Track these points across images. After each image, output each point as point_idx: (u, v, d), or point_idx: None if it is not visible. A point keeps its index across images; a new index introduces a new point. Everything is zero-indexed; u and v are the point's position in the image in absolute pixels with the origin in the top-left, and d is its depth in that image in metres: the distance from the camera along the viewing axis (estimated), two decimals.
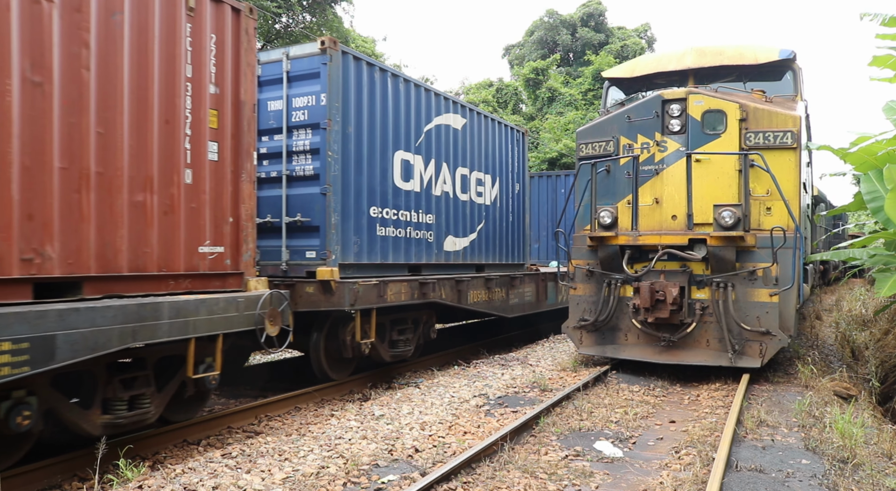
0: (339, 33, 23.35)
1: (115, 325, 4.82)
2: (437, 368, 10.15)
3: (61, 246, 4.70)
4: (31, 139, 4.51)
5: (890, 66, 9.35)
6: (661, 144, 8.94)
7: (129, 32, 5.21)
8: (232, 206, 6.15)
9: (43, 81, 4.61)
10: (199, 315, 5.52)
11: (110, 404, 5.34)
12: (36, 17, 4.55)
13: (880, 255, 9.70)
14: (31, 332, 4.25)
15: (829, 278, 25.89)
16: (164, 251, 5.49)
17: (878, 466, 5.25)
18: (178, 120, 5.64)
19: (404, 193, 9.21)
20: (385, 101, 8.83)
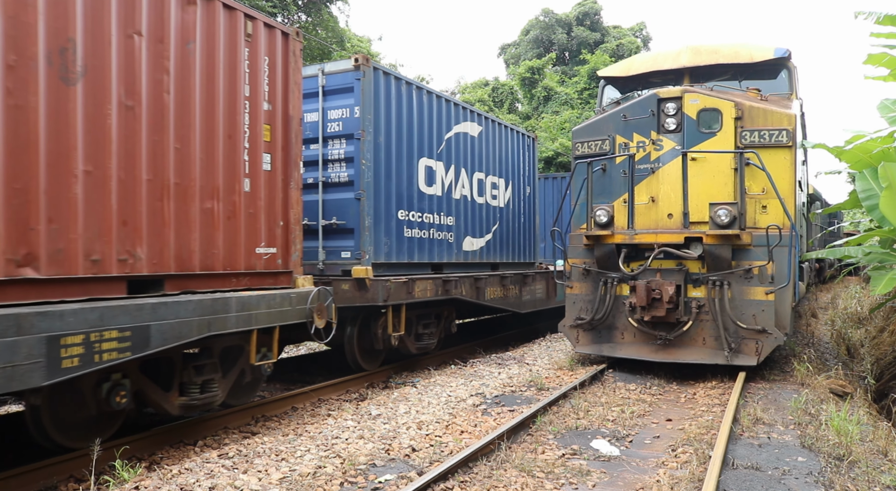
0: (334, 33, 23.30)
1: (194, 317, 5.48)
2: (433, 367, 10.15)
3: (148, 248, 5.35)
4: (125, 155, 5.16)
5: (885, 65, 9.38)
6: (656, 143, 8.95)
7: (199, 59, 5.83)
8: (282, 211, 6.79)
9: (134, 105, 5.25)
10: (259, 309, 6.18)
11: (186, 388, 6.03)
12: (129, 50, 5.20)
13: (875, 252, 9.73)
14: (131, 322, 4.93)
15: (825, 276, 25.96)
16: (227, 252, 6.12)
17: (873, 463, 5.27)
18: (238, 135, 6.25)
19: (428, 197, 9.83)
20: (410, 112, 9.43)
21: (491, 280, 11.15)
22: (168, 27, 5.54)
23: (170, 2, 5.53)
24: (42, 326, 4.32)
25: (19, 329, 4.18)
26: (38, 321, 4.30)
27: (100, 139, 4.97)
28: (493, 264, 11.76)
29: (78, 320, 4.55)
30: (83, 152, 4.85)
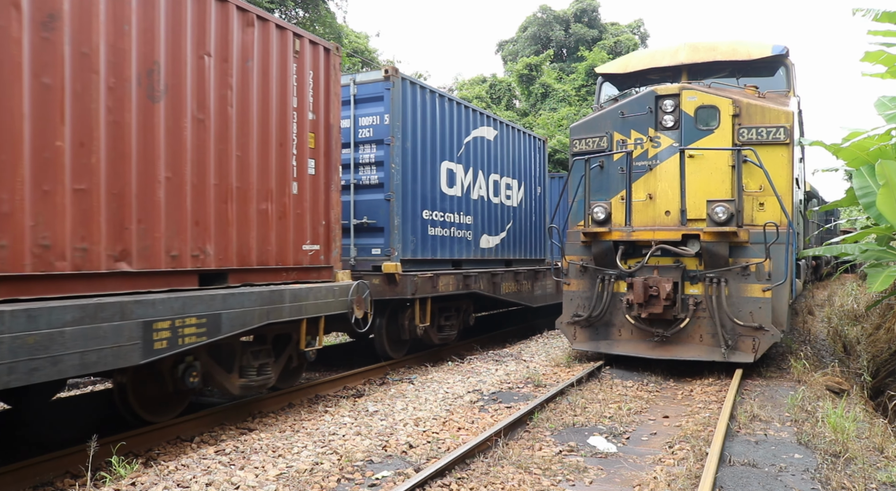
0: (331, 29, 23.24)
1: (256, 307, 6.14)
2: (430, 363, 10.15)
3: (215, 245, 5.96)
4: (197, 163, 5.77)
5: (882, 62, 9.38)
6: (654, 140, 8.94)
7: (256, 75, 6.44)
8: (324, 211, 7.43)
9: (204, 118, 5.85)
10: (308, 300, 6.82)
11: (244, 370, 6.66)
12: (201, 69, 5.81)
13: (872, 250, 9.74)
14: (207, 310, 5.57)
15: (822, 274, 26.01)
16: (279, 248, 6.73)
17: (869, 460, 5.28)
18: (287, 142, 6.85)
19: (449, 198, 10.45)
20: (433, 118, 10.03)
21: (506, 276, 11.87)
22: (231, 47, 6.15)
23: (233, 25, 6.15)
24: (139, 312, 4.97)
25: (123, 315, 4.84)
26: (137, 308, 4.96)
27: (177, 149, 5.60)
28: (506, 261, 12.40)
29: (166, 308, 5.20)
30: (165, 161, 5.48)
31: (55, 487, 5.09)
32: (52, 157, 4.62)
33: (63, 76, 4.70)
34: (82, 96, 4.82)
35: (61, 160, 4.68)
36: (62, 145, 4.69)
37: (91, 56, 4.88)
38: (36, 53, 4.54)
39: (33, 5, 4.50)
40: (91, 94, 4.89)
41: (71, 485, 5.05)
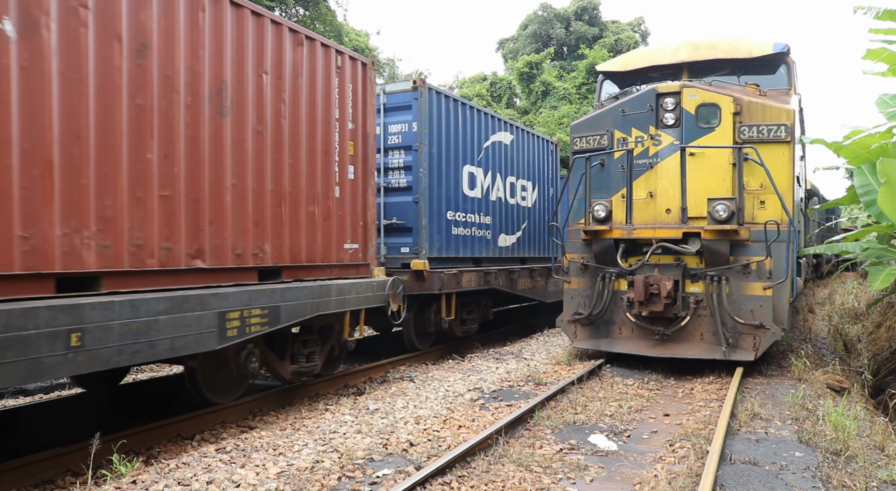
0: (332, 27, 23.22)
1: (308, 300, 6.78)
2: (431, 361, 10.15)
3: (272, 244, 6.59)
4: (257, 170, 6.41)
5: (884, 60, 9.36)
6: (655, 138, 8.93)
7: (305, 89, 7.06)
8: (362, 212, 8.07)
9: (262, 130, 6.49)
10: (350, 294, 7.45)
11: (295, 358, 7.29)
12: (259, 86, 6.46)
13: (873, 248, 9.74)
14: (268, 303, 6.24)
15: (822, 272, 26.00)
16: (324, 247, 7.36)
17: (870, 458, 5.28)
18: (331, 150, 7.50)
19: (470, 200, 11.07)
20: (456, 125, 10.64)
21: (522, 273, 12.58)
22: (284, 65, 6.78)
23: (286, 45, 6.79)
24: (215, 303, 5.64)
25: (202, 306, 5.50)
26: (213, 300, 5.62)
27: (241, 158, 6.23)
28: (522, 259, 13.06)
29: (236, 300, 5.88)
30: (231, 169, 6.12)
31: (56, 484, 5.09)
32: (144, 168, 5.29)
33: (152, 97, 5.36)
34: (166, 114, 5.49)
35: (151, 170, 5.35)
36: (151, 157, 5.36)
37: (173, 78, 5.55)
38: (132, 78, 5.19)
39: (130, 36, 5.17)
40: (173, 112, 5.56)
41: (72, 483, 5.05)
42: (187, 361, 6.33)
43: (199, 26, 5.77)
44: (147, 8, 5.29)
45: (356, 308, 7.61)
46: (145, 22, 5.29)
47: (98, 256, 4.90)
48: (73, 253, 4.74)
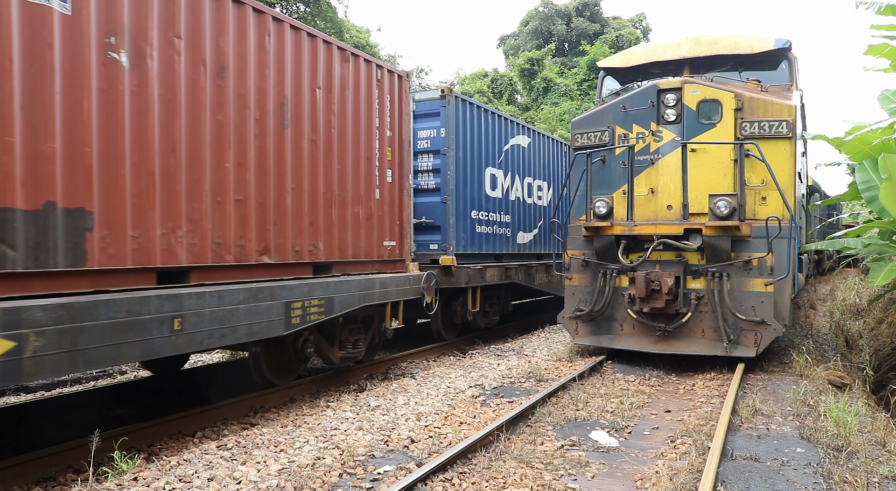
0: (332, 24, 23.19)
1: (356, 292, 7.51)
2: (432, 358, 10.15)
3: (324, 242, 7.29)
4: (311, 175, 7.12)
5: (886, 56, 9.34)
6: (656, 134, 8.92)
7: (350, 101, 7.76)
8: (399, 212, 8.78)
9: (316, 139, 7.19)
10: (391, 287, 8.21)
11: (343, 344, 7.99)
12: (313, 100, 7.15)
13: (874, 244, 9.72)
14: (324, 294, 6.95)
15: (824, 268, 25.97)
16: (366, 244, 8.07)
17: (871, 454, 5.27)
18: (372, 156, 8.20)
19: (492, 199, 11.78)
20: (480, 130, 11.33)
21: (539, 268, 13.28)
22: (334, 80, 7.47)
23: (335, 61, 7.51)
24: (282, 294, 6.35)
25: (272, 296, 6.21)
26: (281, 292, 6.33)
27: (298, 165, 6.93)
28: (538, 255, 13.79)
29: (299, 292, 6.58)
30: (291, 175, 6.82)
31: (58, 481, 5.09)
32: (223, 175, 5.99)
33: (229, 112, 6.07)
34: (240, 127, 6.19)
35: (228, 177, 6.06)
36: (229, 166, 6.07)
37: (245, 96, 6.25)
38: (213, 97, 5.88)
39: (212, 60, 5.87)
40: (245, 125, 6.25)
41: (73, 479, 5.05)
42: (252, 347, 7.14)
43: (265, 49, 6.49)
44: (225, 35, 6.02)
45: (396, 300, 8.36)
46: (224, 47, 6.01)
47: (188, 253, 5.65)
48: (169, 250, 5.48)
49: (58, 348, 4.36)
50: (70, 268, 4.69)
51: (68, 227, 4.69)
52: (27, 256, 4.42)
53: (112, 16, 5.02)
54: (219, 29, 5.94)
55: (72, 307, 4.43)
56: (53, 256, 4.58)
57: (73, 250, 4.72)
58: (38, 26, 4.51)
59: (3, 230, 4.30)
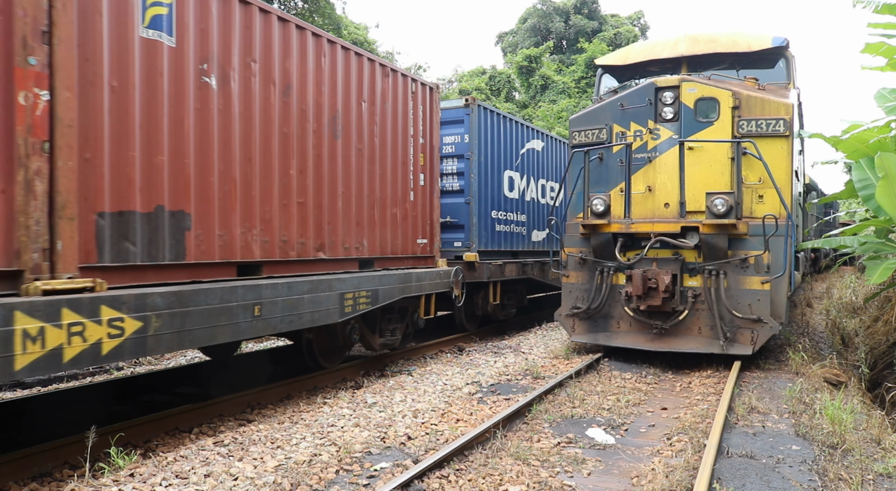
0: (331, 20, 23.13)
1: (397, 285, 8.27)
2: (429, 355, 10.16)
3: (367, 240, 8.14)
4: (357, 180, 7.98)
5: (883, 54, 9.35)
6: (653, 132, 8.92)
7: (389, 112, 8.60)
8: (430, 213, 9.63)
9: (362, 148, 8.03)
10: (425, 281, 9.00)
11: (382, 332, 8.78)
12: (359, 112, 8.00)
13: (871, 242, 9.74)
14: (371, 286, 7.74)
15: (820, 266, 26.02)
16: (402, 242, 8.91)
17: (866, 451, 5.29)
18: (408, 161, 9.06)
19: (509, 200, 12.61)
20: (499, 135, 12.16)
21: (552, 265, 14.01)
22: (376, 94, 8.30)
23: (377, 77, 8.30)
24: (337, 286, 7.15)
25: (329, 288, 7.02)
26: (336, 284, 7.14)
27: (347, 171, 7.77)
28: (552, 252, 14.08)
29: (350, 284, 7.37)
30: (341, 180, 7.65)
31: (54, 477, 5.09)
32: (288, 181, 6.80)
33: (293, 125, 6.87)
34: (301, 139, 7.00)
35: (292, 183, 6.86)
36: (292, 173, 6.88)
37: (306, 110, 7.07)
38: (280, 112, 6.69)
39: (280, 80, 6.68)
40: (306, 137, 7.07)
41: (69, 475, 5.05)
42: (305, 334, 8.02)
43: (321, 68, 7.31)
44: (290, 57, 6.83)
45: (429, 293, 9.18)
46: (289, 68, 6.81)
47: (261, 249, 6.46)
48: (247, 246, 6.30)
49: (171, 328, 5.12)
50: (173, 261, 5.53)
51: (173, 226, 5.52)
52: (143, 252, 5.26)
53: (205, 45, 5.83)
54: (285, 52, 6.77)
55: (180, 295, 5.23)
56: (162, 252, 5.42)
57: (176, 247, 5.56)
58: (152, 58, 5.34)
59: (127, 230, 5.13)
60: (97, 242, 4.90)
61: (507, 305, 12.91)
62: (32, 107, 4.36)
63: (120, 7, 5.07)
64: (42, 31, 4.44)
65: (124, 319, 4.72)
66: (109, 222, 4.99)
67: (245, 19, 6.27)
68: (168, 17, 5.48)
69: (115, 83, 5.04)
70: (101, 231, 4.93)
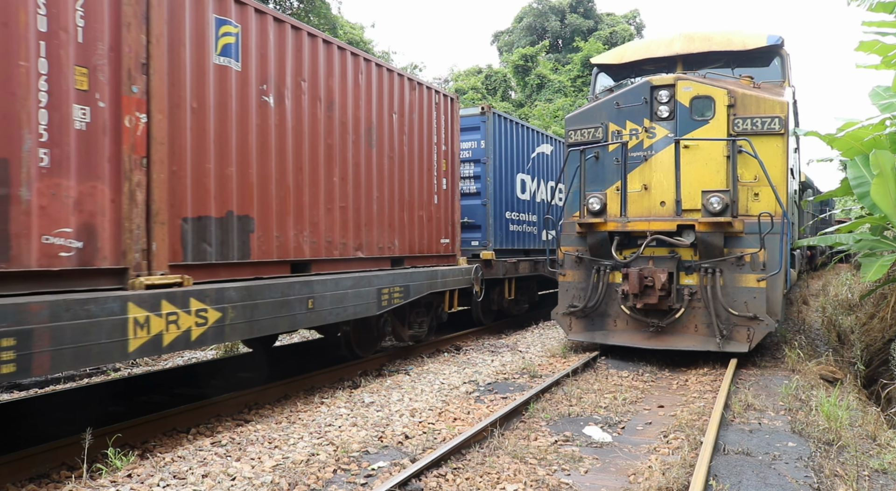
0: (326, 20, 23.11)
1: (425, 281, 9.01)
2: (427, 355, 10.17)
3: (398, 240, 8.84)
4: (389, 185, 8.69)
5: (877, 52, 9.38)
6: (649, 131, 8.94)
7: (416, 122, 9.30)
8: (451, 214, 10.32)
9: (392, 156, 8.74)
10: (449, 278, 9.73)
11: (411, 324, 9.55)
12: (390, 123, 8.70)
13: (866, 240, 9.77)
14: (404, 282, 8.44)
15: (816, 263, 26.08)
16: (427, 242, 9.60)
17: (862, 448, 5.32)
18: (432, 167, 9.78)
19: (521, 201, 13.30)
20: (512, 141, 12.91)
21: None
22: (404, 106, 8.99)
23: (405, 90, 9.03)
24: (376, 282, 7.86)
25: (369, 284, 7.74)
26: (374, 280, 7.85)
27: (381, 177, 8.47)
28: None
29: (386, 280, 8.07)
30: (376, 186, 8.35)
31: (51, 478, 5.08)
32: (331, 188, 7.52)
33: (335, 137, 7.60)
34: (342, 149, 7.71)
35: (335, 189, 7.58)
36: (335, 180, 7.58)
37: (346, 123, 7.78)
38: (325, 125, 7.43)
39: (325, 96, 7.43)
40: (346, 147, 7.79)
41: (67, 477, 5.04)
42: (343, 327, 8.78)
43: (359, 84, 8.03)
44: (333, 76, 7.58)
45: (453, 288, 9.88)
46: (332, 86, 7.55)
47: (310, 248, 7.17)
48: (299, 246, 7.02)
49: (243, 319, 5.84)
50: (240, 260, 6.26)
51: (240, 229, 6.25)
52: (216, 252, 5.99)
53: (264, 68, 6.57)
54: (329, 71, 7.50)
55: (250, 289, 5.97)
56: (231, 251, 6.15)
57: (242, 247, 6.29)
58: (223, 82, 6.08)
59: (204, 232, 5.86)
60: (182, 244, 5.66)
61: (520, 301, 13.67)
62: (134, 128, 5.16)
63: (199, 38, 5.83)
64: (142, 63, 5.24)
65: (208, 310, 5.48)
66: (191, 226, 5.74)
67: (296, 43, 7.03)
68: (235, 44, 6.23)
69: (195, 105, 5.79)
70: (184, 234, 5.69)
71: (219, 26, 6.05)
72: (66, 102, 4.69)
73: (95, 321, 4.55)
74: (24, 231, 4.39)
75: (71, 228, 4.70)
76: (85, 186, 4.81)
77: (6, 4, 4.35)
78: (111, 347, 4.66)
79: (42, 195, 4.51)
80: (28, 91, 4.44)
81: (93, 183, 4.87)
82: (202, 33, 5.86)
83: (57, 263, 4.60)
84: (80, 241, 4.77)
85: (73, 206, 4.72)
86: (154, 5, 5.35)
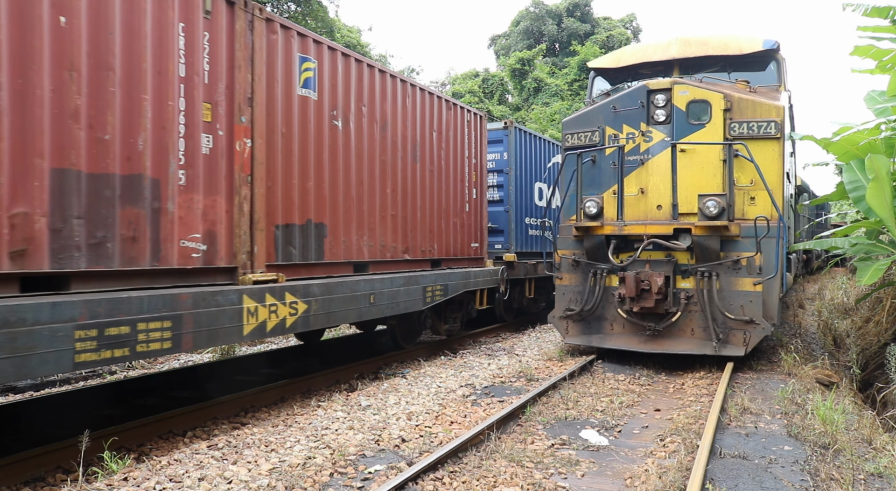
0: (323, 23, 23.13)
1: (460, 280, 10.07)
2: (423, 358, 10.16)
3: (437, 244, 9.93)
4: (430, 194, 9.83)
5: (872, 57, 9.43)
6: (646, 134, 8.96)
7: (452, 138, 10.44)
8: (480, 221, 11.47)
9: (433, 169, 9.79)
10: (480, 278, 10.84)
11: (446, 320, 10.68)
12: (431, 140, 9.82)
13: (862, 243, 9.81)
14: (444, 282, 9.53)
15: (812, 267, 26.14)
16: (460, 246, 10.71)
17: (858, 452, 5.33)
18: (463, 178, 10.95)
19: (539, 208, 14.54)
20: (531, 152, 14.09)
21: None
22: (441, 124, 10.17)
23: (443, 110, 10.20)
24: (422, 281, 8.93)
25: (416, 283, 8.81)
26: (421, 279, 8.92)
27: (423, 188, 9.62)
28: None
29: (429, 280, 9.16)
30: (419, 196, 9.47)
31: (47, 482, 5.07)
32: (384, 198, 8.65)
33: (388, 154, 8.71)
34: (392, 164, 8.82)
35: (387, 200, 8.71)
36: (388, 191, 8.72)
37: (396, 142, 8.89)
38: (380, 144, 8.55)
39: (379, 119, 8.52)
40: (396, 163, 8.90)
41: (63, 480, 5.03)
42: (389, 321, 9.84)
43: (406, 107, 9.12)
44: (386, 100, 8.69)
45: (483, 288, 10.95)
46: (385, 109, 8.66)
47: (368, 251, 8.25)
48: (359, 250, 8.11)
49: (322, 310, 6.96)
50: (316, 261, 7.37)
51: (317, 235, 7.36)
52: (299, 254, 7.10)
53: (334, 96, 7.70)
54: (382, 96, 8.59)
55: (328, 285, 7.09)
56: (310, 253, 7.27)
57: (318, 250, 7.38)
58: (304, 110, 7.24)
59: (291, 237, 6.99)
60: (274, 247, 6.75)
61: (538, 300, 14.70)
62: (242, 151, 6.27)
63: (287, 74, 6.98)
64: (248, 97, 6.35)
65: (298, 302, 6.58)
66: (281, 232, 6.84)
67: (357, 73, 8.13)
68: (313, 78, 7.36)
69: (284, 130, 6.92)
70: (276, 239, 6.78)
71: (301, 63, 7.17)
72: (196, 132, 5.79)
73: (221, 310, 5.65)
74: (169, 237, 5.50)
75: (199, 234, 5.82)
76: (209, 200, 5.91)
77: (162, 56, 5.42)
78: (231, 331, 5.75)
79: (181, 208, 5.62)
80: (173, 124, 5.56)
81: (214, 197, 5.97)
82: (290, 70, 7.00)
83: (190, 263, 5.72)
84: (205, 244, 5.88)
85: (201, 216, 5.83)
86: (257, 49, 6.44)
